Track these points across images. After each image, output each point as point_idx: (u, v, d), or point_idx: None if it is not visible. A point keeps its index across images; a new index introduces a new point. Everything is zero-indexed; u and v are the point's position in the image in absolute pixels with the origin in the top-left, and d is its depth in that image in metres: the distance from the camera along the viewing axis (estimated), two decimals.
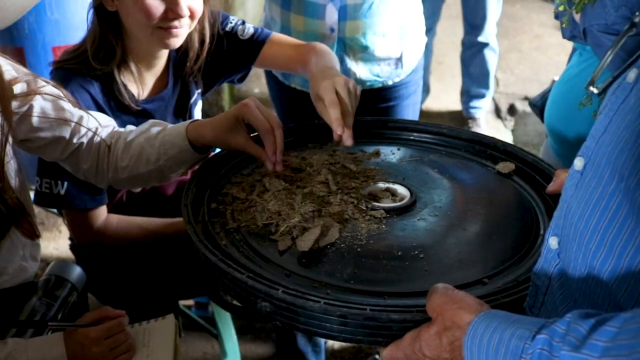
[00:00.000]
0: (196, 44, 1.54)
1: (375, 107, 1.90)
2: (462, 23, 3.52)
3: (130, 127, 1.35)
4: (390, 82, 1.89)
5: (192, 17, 1.42)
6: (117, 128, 1.36)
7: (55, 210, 1.52)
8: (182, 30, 1.41)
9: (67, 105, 1.27)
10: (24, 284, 1.29)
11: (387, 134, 1.45)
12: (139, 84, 1.51)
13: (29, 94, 1.21)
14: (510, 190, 1.25)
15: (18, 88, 1.20)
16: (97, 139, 1.29)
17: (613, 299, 0.69)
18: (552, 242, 0.79)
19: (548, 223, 1.05)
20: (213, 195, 1.21)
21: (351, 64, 1.81)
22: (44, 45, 2.28)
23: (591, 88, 0.77)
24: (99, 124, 1.31)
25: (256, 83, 4.00)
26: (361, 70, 1.83)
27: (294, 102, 1.92)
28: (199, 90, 1.67)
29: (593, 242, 0.70)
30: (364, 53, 1.80)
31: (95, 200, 1.49)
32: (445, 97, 3.90)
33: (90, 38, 1.43)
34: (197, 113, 1.70)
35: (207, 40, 1.55)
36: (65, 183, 1.43)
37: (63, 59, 1.45)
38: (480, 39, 3.41)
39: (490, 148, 1.37)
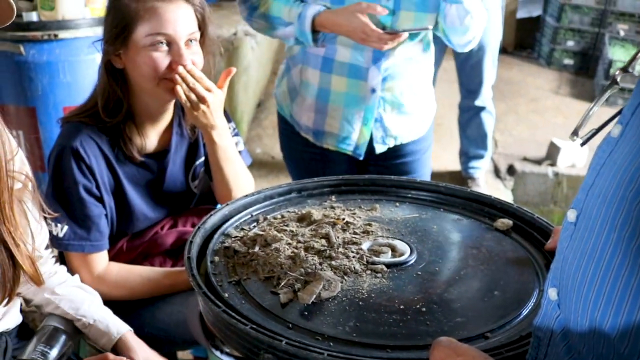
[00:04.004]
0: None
1: (396, 162, 2.01)
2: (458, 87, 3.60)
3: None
4: (417, 137, 2.01)
5: None
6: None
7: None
8: None
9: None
10: (21, 331, 1.28)
11: (386, 190, 1.48)
12: (142, 138, 1.59)
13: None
14: (509, 247, 1.26)
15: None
16: None
17: (617, 351, 0.68)
18: (552, 293, 0.79)
19: None
20: (215, 249, 1.22)
21: (388, 121, 1.92)
22: (55, 105, 2.43)
23: (574, 138, 0.79)
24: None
25: (257, 143, 4.06)
26: (396, 126, 1.94)
27: (321, 161, 1.99)
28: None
29: (592, 292, 0.70)
30: (399, 110, 1.92)
31: (94, 246, 1.52)
32: (445, 158, 3.95)
33: (100, 93, 1.52)
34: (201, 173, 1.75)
35: None
36: (66, 227, 1.47)
37: (73, 114, 1.54)
38: (477, 102, 3.47)
39: (487, 206, 1.39)
